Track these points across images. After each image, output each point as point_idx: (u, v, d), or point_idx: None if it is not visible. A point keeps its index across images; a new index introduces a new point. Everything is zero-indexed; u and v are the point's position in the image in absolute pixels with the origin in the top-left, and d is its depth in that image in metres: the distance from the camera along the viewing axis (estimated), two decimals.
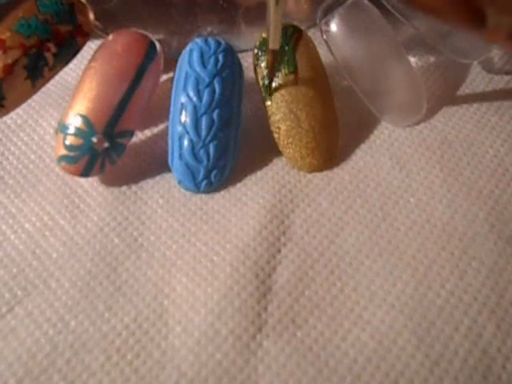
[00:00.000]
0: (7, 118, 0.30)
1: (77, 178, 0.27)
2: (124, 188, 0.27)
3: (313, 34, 0.29)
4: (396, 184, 0.26)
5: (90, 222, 0.26)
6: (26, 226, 0.26)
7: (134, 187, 0.27)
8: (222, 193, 0.27)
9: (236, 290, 0.23)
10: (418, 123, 0.29)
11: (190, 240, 0.25)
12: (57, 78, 0.27)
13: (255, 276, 0.23)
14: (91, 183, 0.27)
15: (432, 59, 0.32)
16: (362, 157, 0.28)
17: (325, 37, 0.28)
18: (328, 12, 0.28)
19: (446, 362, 0.21)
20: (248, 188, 0.27)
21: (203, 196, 0.26)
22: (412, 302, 0.22)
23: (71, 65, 0.28)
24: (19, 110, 0.30)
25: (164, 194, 0.27)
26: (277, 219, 0.25)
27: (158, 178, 0.27)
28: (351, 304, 0.22)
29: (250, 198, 0.26)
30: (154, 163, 0.28)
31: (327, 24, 0.28)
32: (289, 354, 0.21)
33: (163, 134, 0.28)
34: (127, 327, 0.22)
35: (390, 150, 0.28)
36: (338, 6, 0.28)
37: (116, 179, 0.27)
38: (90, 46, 0.30)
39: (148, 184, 0.27)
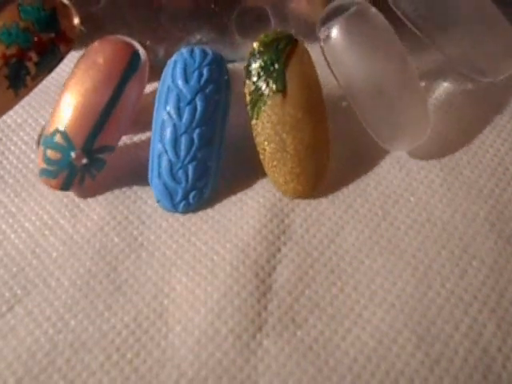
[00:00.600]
0: (7, 117, 0.30)
1: None
2: (124, 187, 0.27)
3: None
4: (396, 183, 0.26)
5: (90, 221, 0.26)
6: (26, 225, 0.26)
7: (134, 186, 0.27)
8: (222, 192, 0.26)
9: (236, 289, 0.23)
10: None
11: (190, 239, 0.25)
12: (55, 76, 0.27)
13: (255, 275, 0.23)
14: (91, 183, 0.27)
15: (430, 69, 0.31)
16: (362, 155, 0.28)
17: (323, 48, 0.26)
18: (328, 20, 0.26)
19: (446, 361, 0.21)
20: (248, 187, 0.27)
21: None
22: (412, 300, 0.22)
23: (67, 61, 0.27)
24: (19, 109, 0.30)
25: None
26: (277, 218, 0.25)
27: None
28: (351, 303, 0.22)
29: (250, 196, 0.26)
30: None
31: (326, 34, 0.26)
32: (289, 353, 0.21)
33: None
34: (127, 326, 0.22)
35: (389, 150, 0.28)
36: (341, 14, 0.25)
37: (116, 178, 0.27)
38: None
39: (148, 183, 0.27)
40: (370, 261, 0.24)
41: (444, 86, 0.31)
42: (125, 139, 0.29)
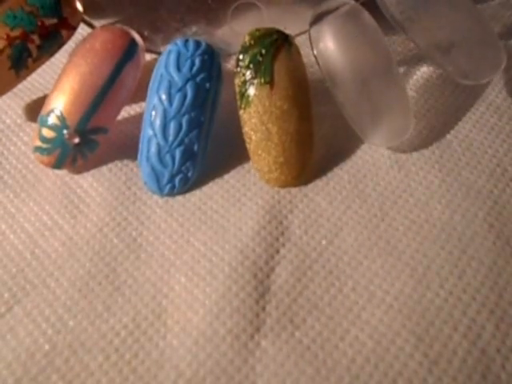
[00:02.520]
0: (7, 118, 0.30)
1: (76, 178, 0.27)
2: (123, 188, 0.27)
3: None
4: (395, 184, 0.26)
5: (89, 222, 0.26)
6: (26, 225, 0.26)
7: (133, 187, 0.27)
8: (221, 193, 0.26)
9: (234, 290, 0.23)
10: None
11: (189, 240, 0.25)
12: (55, 77, 0.27)
13: (254, 276, 0.23)
14: (90, 183, 0.27)
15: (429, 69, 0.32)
16: (361, 156, 0.28)
17: (313, 46, 0.27)
18: (320, 19, 0.27)
19: (444, 361, 0.21)
20: (247, 188, 0.27)
21: (202, 196, 0.26)
22: (411, 301, 0.22)
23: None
24: (19, 110, 0.30)
25: None
26: (275, 220, 0.25)
27: None
28: (350, 304, 0.22)
29: (249, 198, 0.26)
30: None
31: (316, 32, 0.27)
32: (287, 353, 0.21)
33: None
34: (126, 327, 0.22)
35: (388, 150, 0.28)
36: (331, 13, 0.27)
37: (115, 179, 0.27)
38: None
39: None
40: (369, 262, 0.24)
41: (443, 88, 0.31)
42: (125, 138, 0.29)
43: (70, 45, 0.29)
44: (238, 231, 0.25)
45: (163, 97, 0.25)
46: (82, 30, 0.30)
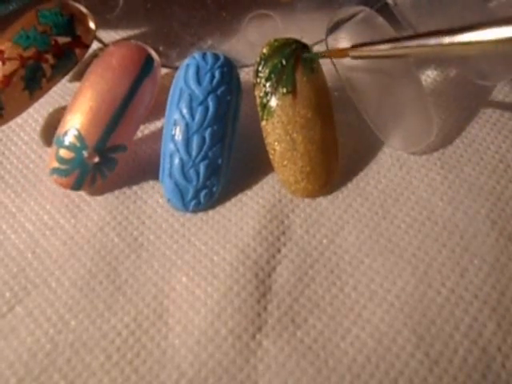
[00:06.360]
0: None
1: None
2: (124, 187, 0.27)
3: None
4: (396, 181, 0.26)
5: (90, 221, 0.26)
6: (27, 225, 0.26)
7: (134, 186, 0.27)
8: (223, 193, 0.26)
9: (236, 289, 0.23)
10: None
11: (190, 240, 0.25)
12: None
13: (255, 276, 0.23)
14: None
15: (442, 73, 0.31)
16: (362, 154, 0.27)
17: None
18: (336, 28, 0.27)
19: (445, 360, 0.21)
20: (248, 187, 0.27)
21: None
22: (412, 300, 0.22)
23: None
24: None
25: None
26: (276, 219, 0.25)
27: (157, 177, 0.27)
28: (351, 303, 0.22)
29: (250, 197, 0.26)
30: (154, 163, 0.28)
31: (334, 40, 0.27)
32: (288, 353, 0.21)
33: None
34: (127, 326, 0.22)
35: (389, 148, 0.28)
36: (347, 21, 0.27)
37: (116, 178, 0.27)
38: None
39: (148, 183, 0.27)
40: (370, 260, 0.24)
41: (444, 85, 0.30)
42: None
43: None
44: (239, 231, 0.25)
45: (184, 111, 0.25)
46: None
